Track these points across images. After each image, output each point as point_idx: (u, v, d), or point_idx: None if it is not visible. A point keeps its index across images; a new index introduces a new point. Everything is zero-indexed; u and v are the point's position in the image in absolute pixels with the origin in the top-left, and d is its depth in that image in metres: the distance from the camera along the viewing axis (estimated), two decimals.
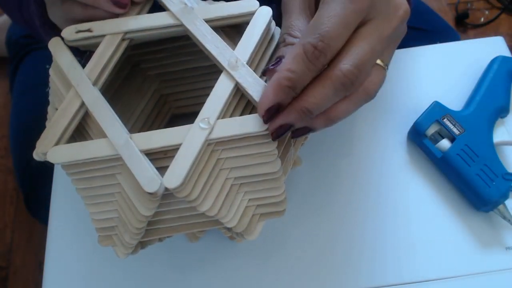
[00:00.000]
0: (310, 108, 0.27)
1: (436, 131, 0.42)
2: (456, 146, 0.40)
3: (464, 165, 0.40)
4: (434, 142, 0.42)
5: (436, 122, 0.42)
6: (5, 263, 1.03)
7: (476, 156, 0.40)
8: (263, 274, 0.40)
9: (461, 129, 0.41)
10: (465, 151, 0.40)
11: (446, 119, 0.41)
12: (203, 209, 0.29)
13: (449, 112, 0.42)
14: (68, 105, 0.31)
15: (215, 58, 0.30)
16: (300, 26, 0.30)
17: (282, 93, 0.27)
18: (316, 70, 0.27)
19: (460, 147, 0.40)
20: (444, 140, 0.41)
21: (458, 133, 0.41)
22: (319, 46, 0.26)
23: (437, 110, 0.42)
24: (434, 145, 0.42)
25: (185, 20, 0.32)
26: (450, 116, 0.42)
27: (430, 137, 0.42)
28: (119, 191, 0.31)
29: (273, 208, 0.32)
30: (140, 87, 0.42)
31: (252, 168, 0.30)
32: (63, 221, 0.44)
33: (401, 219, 0.41)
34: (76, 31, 0.33)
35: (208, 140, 0.28)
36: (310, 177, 0.43)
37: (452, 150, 0.40)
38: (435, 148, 0.42)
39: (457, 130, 0.41)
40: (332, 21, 0.27)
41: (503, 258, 0.39)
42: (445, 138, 0.42)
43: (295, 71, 0.27)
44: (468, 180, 0.39)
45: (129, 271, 0.41)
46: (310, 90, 0.27)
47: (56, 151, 0.30)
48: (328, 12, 0.27)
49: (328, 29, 0.26)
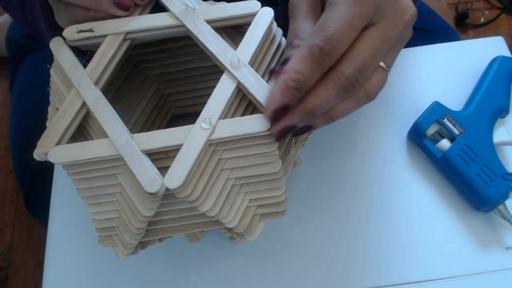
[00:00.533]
0: (314, 109, 0.28)
1: (436, 131, 0.42)
2: (456, 146, 0.40)
3: (464, 165, 0.40)
4: (434, 142, 0.42)
5: (436, 122, 0.42)
6: (5, 263, 1.03)
7: (476, 156, 0.40)
8: (264, 274, 0.40)
9: (461, 129, 0.41)
10: (465, 151, 0.40)
11: (446, 119, 0.42)
12: (204, 209, 0.29)
13: (449, 112, 0.42)
14: (69, 105, 0.31)
15: (217, 58, 0.30)
16: (306, 28, 0.30)
17: (290, 94, 0.27)
18: (322, 72, 0.28)
19: (460, 147, 0.40)
20: (444, 140, 0.41)
21: (458, 133, 0.41)
22: (326, 48, 0.27)
23: (437, 110, 0.42)
24: (434, 145, 0.42)
25: (186, 21, 0.32)
26: (450, 116, 0.42)
27: (430, 137, 0.42)
28: (120, 191, 0.31)
29: (273, 209, 0.32)
30: (141, 87, 0.42)
31: (253, 168, 0.30)
32: (63, 221, 0.44)
33: (401, 220, 0.41)
34: (77, 31, 0.33)
35: (209, 140, 0.28)
36: (310, 177, 0.43)
37: (452, 150, 0.40)
38: (435, 148, 0.42)
39: (457, 130, 0.41)
40: (338, 24, 0.27)
41: (503, 258, 0.39)
42: (445, 138, 0.42)
43: (302, 73, 0.27)
44: (468, 180, 0.39)
45: (129, 271, 0.41)
46: (313, 91, 0.28)
47: (57, 151, 0.30)
48: (334, 15, 0.27)
49: (334, 31, 0.27)
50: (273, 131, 0.28)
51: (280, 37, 0.33)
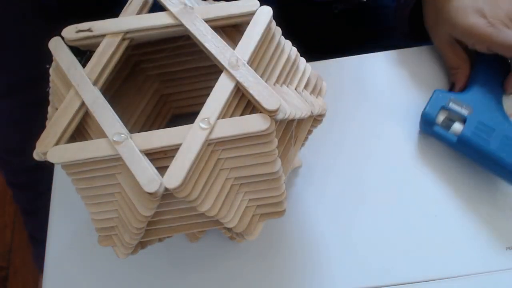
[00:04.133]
0: None
1: (446, 117, 0.42)
2: (470, 125, 0.40)
3: (483, 141, 0.39)
4: (447, 129, 0.41)
5: (443, 109, 0.42)
6: (5, 263, 1.03)
7: (492, 130, 0.39)
8: (264, 274, 0.40)
9: (469, 108, 0.41)
10: (480, 129, 0.40)
11: (452, 103, 0.41)
12: (203, 209, 0.29)
13: (453, 95, 0.42)
14: (68, 104, 0.31)
15: (215, 58, 0.30)
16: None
17: None
18: None
19: (474, 125, 0.40)
20: (456, 123, 0.41)
21: (468, 113, 0.40)
22: None
23: (440, 97, 0.42)
24: (448, 131, 0.41)
25: (185, 20, 0.32)
26: (455, 99, 0.41)
27: (441, 124, 0.42)
28: (119, 191, 0.31)
29: (273, 208, 0.32)
30: (141, 87, 0.42)
31: (252, 168, 0.30)
32: (63, 221, 0.44)
33: (400, 220, 0.41)
34: (76, 30, 0.33)
35: (208, 140, 0.28)
36: (310, 177, 0.43)
37: (467, 130, 0.40)
38: (450, 133, 0.41)
39: (465, 110, 0.41)
40: None
41: (503, 258, 0.39)
42: (456, 121, 0.41)
43: None
44: (491, 155, 0.39)
45: (129, 271, 0.41)
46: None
47: (56, 151, 0.30)
48: None
49: None
50: None
51: (279, 36, 0.33)
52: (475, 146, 0.40)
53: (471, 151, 0.40)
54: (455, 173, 0.42)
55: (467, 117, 0.40)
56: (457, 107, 0.41)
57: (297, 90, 0.34)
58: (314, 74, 0.36)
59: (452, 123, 0.41)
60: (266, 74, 0.31)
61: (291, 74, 0.34)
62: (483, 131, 0.39)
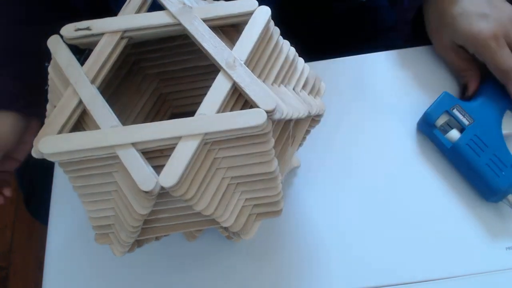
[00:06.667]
0: None
1: (446, 122, 0.42)
2: (466, 136, 0.40)
3: (473, 155, 0.40)
4: (443, 133, 0.42)
5: (445, 113, 0.42)
6: (5, 263, 1.04)
7: (485, 146, 0.40)
8: (261, 273, 0.40)
9: (471, 119, 0.41)
10: (474, 141, 0.40)
11: (456, 110, 0.41)
12: (199, 208, 0.29)
13: (459, 102, 0.42)
14: (65, 102, 0.31)
15: (213, 57, 0.30)
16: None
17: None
18: None
19: (470, 137, 0.40)
20: (453, 130, 0.41)
21: (468, 124, 0.41)
22: None
23: (447, 101, 0.42)
24: (444, 135, 0.42)
25: (183, 19, 0.32)
26: (460, 107, 0.42)
27: (439, 127, 0.42)
28: (116, 189, 0.31)
29: (269, 208, 0.32)
30: (139, 86, 0.42)
31: (248, 167, 0.30)
32: (63, 221, 0.44)
33: (399, 220, 0.41)
34: (75, 29, 0.33)
35: (204, 139, 0.28)
36: (309, 177, 0.43)
37: (462, 140, 0.40)
38: (445, 139, 0.41)
39: (466, 120, 0.41)
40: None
41: (503, 258, 0.39)
42: (454, 128, 0.41)
43: None
44: (478, 170, 0.39)
45: (128, 271, 0.41)
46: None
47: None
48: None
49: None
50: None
51: (278, 36, 0.33)
52: (466, 157, 0.40)
53: (460, 161, 0.41)
54: (455, 173, 0.42)
55: (467, 127, 0.41)
56: (459, 115, 0.41)
57: (295, 90, 0.33)
58: (313, 74, 0.36)
59: (450, 129, 0.42)
60: (264, 74, 0.31)
61: (289, 74, 0.34)
62: (477, 145, 0.40)
